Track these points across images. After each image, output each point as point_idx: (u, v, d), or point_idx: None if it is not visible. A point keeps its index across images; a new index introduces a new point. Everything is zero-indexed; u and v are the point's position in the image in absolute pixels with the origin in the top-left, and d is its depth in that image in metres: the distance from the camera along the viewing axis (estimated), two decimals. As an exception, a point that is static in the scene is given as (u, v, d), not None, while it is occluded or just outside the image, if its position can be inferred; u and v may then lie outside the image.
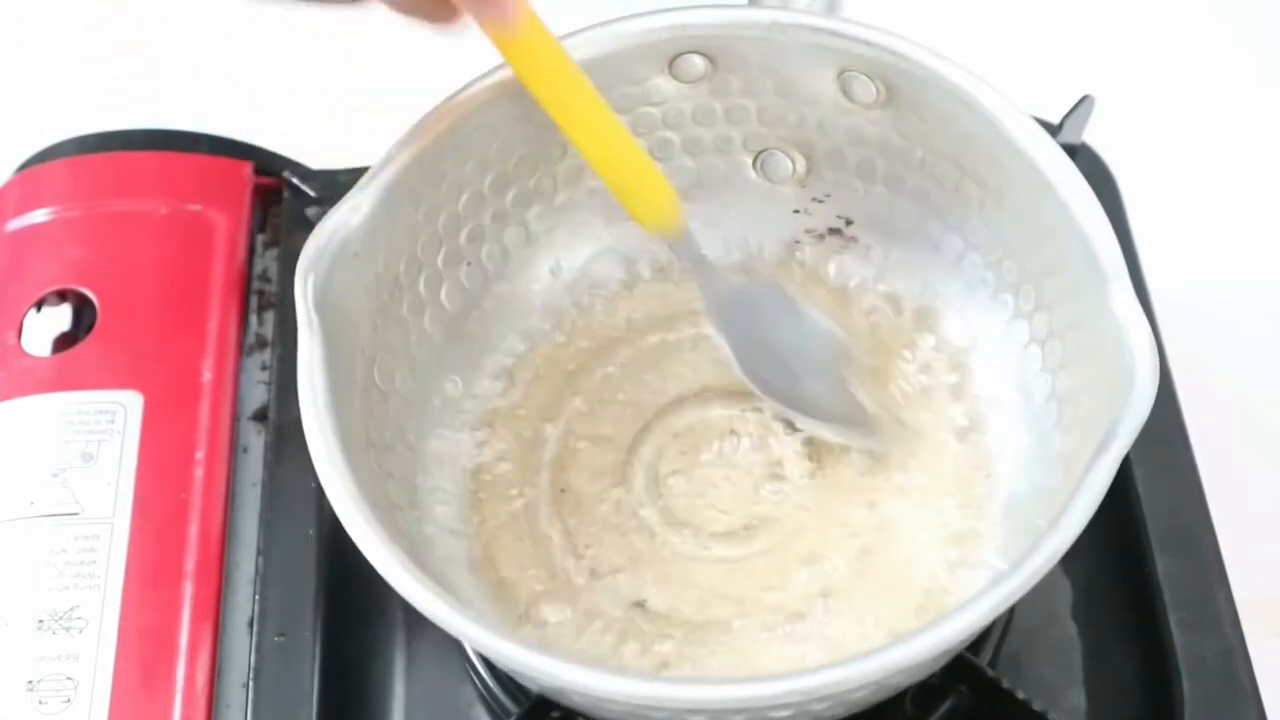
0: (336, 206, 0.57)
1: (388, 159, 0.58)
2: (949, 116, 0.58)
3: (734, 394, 0.62)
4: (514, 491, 0.61)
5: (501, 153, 0.61)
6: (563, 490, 0.61)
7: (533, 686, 0.56)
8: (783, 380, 0.61)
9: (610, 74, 0.60)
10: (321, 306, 0.55)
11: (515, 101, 0.60)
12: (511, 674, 0.57)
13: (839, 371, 0.61)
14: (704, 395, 0.63)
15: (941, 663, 0.55)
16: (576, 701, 0.54)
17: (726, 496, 0.61)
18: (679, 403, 0.63)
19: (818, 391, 0.61)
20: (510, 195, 0.63)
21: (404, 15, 0.53)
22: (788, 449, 0.61)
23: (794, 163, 0.64)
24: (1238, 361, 0.74)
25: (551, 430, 0.63)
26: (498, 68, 0.59)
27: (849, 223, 0.64)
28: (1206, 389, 0.66)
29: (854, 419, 0.61)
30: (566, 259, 0.65)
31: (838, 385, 0.61)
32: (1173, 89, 0.84)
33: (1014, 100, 0.56)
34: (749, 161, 0.64)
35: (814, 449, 0.61)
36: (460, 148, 0.60)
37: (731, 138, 0.63)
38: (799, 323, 0.61)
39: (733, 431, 0.62)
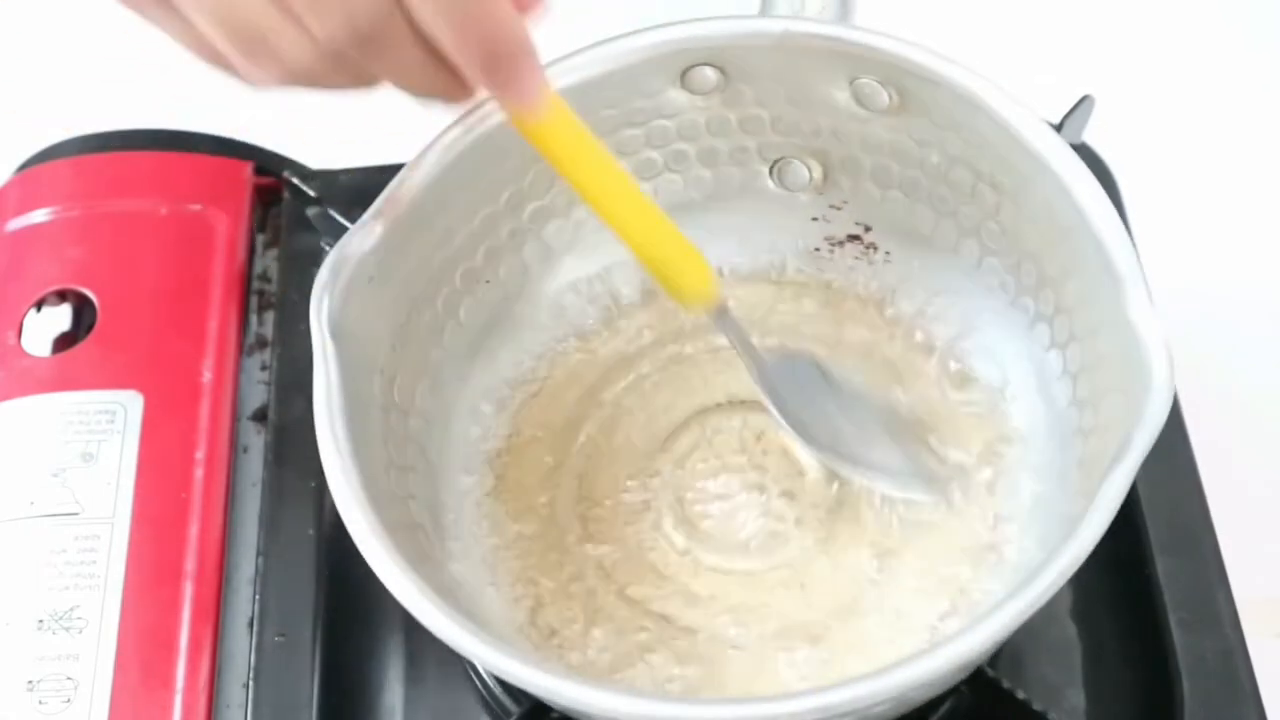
0: (350, 232, 0.56)
1: (400, 182, 0.58)
2: (961, 121, 0.58)
3: (756, 407, 0.62)
4: (536, 505, 0.61)
5: (516, 170, 0.61)
6: (586, 504, 0.61)
7: (556, 707, 0.55)
8: (834, 439, 0.60)
9: (623, 88, 0.60)
10: (338, 333, 0.54)
11: None
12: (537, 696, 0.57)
13: (886, 430, 0.61)
14: (725, 408, 0.63)
15: (958, 678, 0.55)
16: (592, 716, 0.54)
17: (747, 510, 0.60)
18: (701, 414, 0.63)
19: (869, 449, 0.60)
20: (527, 211, 0.62)
21: (418, 97, 0.52)
22: (811, 461, 0.61)
23: (810, 170, 0.63)
24: (1238, 361, 0.74)
25: (574, 443, 0.62)
26: None
27: (867, 229, 0.64)
28: (1206, 389, 0.66)
29: (911, 473, 0.60)
30: (586, 273, 0.65)
31: (887, 442, 0.60)
32: (1173, 89, 0.84)
33: (1024, 103, 0.56)
34: (765, 171, 0.64)
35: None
36: (473, 166, 0.59)
37: (747, 147, 0.63)
38: (838, 390, 0.61)
39: (757, 440, 0.62)
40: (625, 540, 0.60)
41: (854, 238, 0.64)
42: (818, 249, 0.65)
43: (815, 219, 0.64)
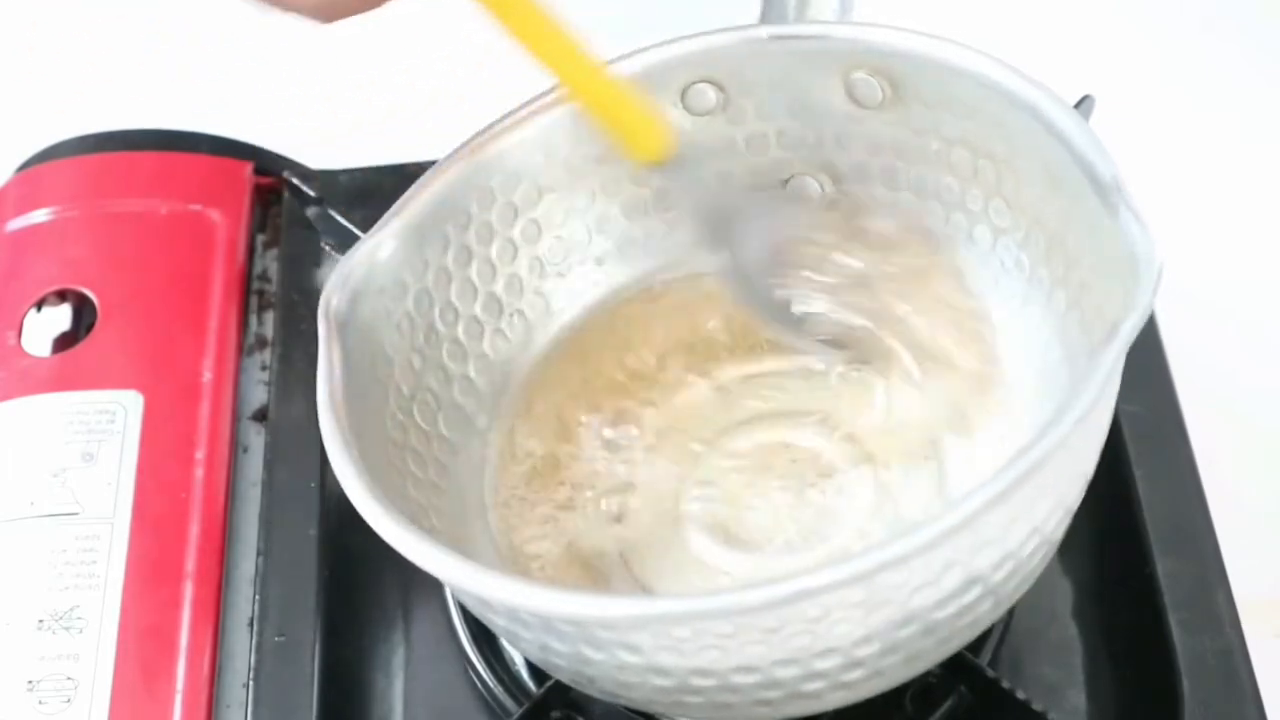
0: (361, 241, 0.57)
1: (407, 199, 0.58)
2: (948, 93, 0.58)
3: (787, 417, 0.62)
4: (565, 529, 0.60)
5: (527, 198, 0.61)
6: (618, 520, 0.61)
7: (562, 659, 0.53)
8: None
9: None
10: (344, 327, 0.54)
11: (535, 146, 0.60)
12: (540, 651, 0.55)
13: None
14: (754, 421, 0.62)
15: (941, 567, 0.51)
16: (596, 675, 0.52)
17: (775, 511, 0.60)
18: (728, 429, 0.62)
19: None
20: (545, 244, 0.62)
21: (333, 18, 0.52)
22: (846, 468, 0.60)
23: (822, 186, 0.63)
24: (1238, 361, 0.74)
25: (605, 462, 0.62)
26: (517, 110, 0.59)
27: None
28: (1206, 389, 0.66)
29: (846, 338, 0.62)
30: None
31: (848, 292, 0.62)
32: (1173, 89, 0.84)
33: (995, 56, 0.57)
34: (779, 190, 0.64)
35: (869, 456, 0.60)
36: (481, 190, 0.59)
37: (758, 168, 0.63)
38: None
39: (786, 447, 0.61)
40: (664, 555, 0.59)
41: None
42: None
43: None
